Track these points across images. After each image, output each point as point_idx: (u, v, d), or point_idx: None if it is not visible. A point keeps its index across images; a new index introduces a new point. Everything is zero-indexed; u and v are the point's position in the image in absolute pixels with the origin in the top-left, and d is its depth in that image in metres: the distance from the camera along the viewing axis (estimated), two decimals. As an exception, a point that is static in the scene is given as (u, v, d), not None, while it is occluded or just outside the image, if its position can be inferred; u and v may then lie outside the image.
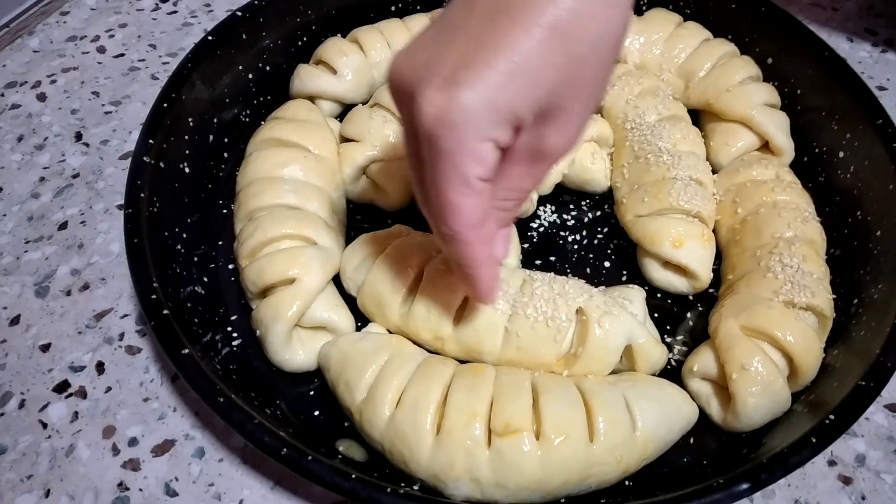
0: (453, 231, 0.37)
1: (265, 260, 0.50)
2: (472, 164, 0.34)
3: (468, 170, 0.34)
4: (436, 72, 0.33)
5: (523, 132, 0.35)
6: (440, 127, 0.33)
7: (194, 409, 0.51)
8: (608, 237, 0.60)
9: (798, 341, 0.46)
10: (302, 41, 0.68)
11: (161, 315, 0.46)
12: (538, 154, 0.36)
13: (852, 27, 0.79)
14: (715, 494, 0.39)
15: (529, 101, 0.33)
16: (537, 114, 0.34)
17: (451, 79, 0.32)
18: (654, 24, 0.66)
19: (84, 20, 0.79)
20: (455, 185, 0.35)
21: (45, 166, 0.66)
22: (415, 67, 0.34)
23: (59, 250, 0.60)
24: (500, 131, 0.34)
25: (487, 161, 0.34)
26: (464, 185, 0.34)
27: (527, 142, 0.36)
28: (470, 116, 0.32)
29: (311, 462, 0.40)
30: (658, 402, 0.45)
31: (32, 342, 0.54)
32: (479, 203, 0.36)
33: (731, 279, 0.53)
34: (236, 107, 0.64)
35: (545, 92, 0.33)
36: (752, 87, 0.61)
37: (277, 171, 0.56)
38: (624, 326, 0.47)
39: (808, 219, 0.54)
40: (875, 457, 0.49)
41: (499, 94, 0.32)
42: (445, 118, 0.32)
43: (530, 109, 0.33)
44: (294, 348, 0.49)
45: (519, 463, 0.41)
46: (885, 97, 0.70)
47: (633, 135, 0.60)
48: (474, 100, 0.32)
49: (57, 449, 0.49)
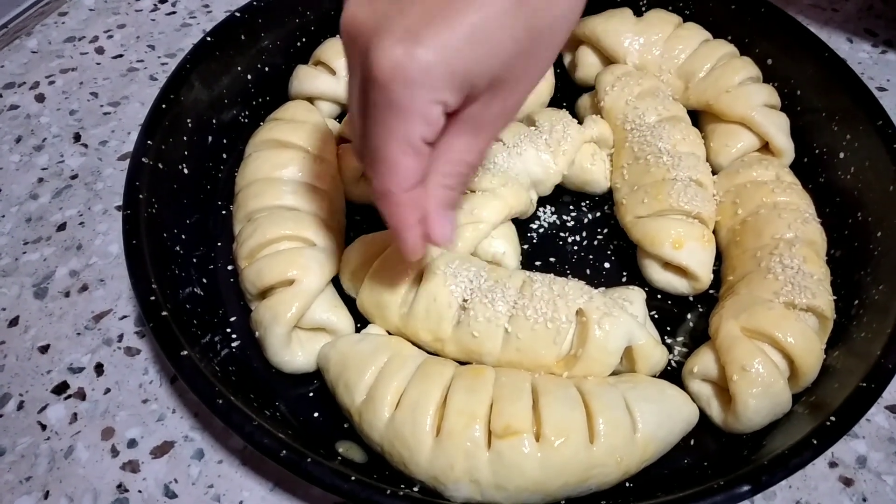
0: (385, 188, 0.36)
1: (264, 261, 0.50)
2: (419, 124, 0.33)
3: (414, 129, 0.33)
4: (396, 23, 0.32)
5: (473, 101, 0.35)
6: (395, 81, 0.32)
7: (193, 410, 0.51)
8: (608, 238, 0.60)
9: (799, 342, 0.46)
10: (301, 42, 0.68)
11: (160, 316, 0.46)
12: (481, 124, 0.36)
13: (852, 28, 0.79)
14: (716, 496, 0.39)
15: (485, 69, 0.33)
16: (490, 82, 0.34)
17: (413, 33, 0.31)
18: (653, 25, 0.66)
19: (82, 21, 0.79)
20: (397, 143, 0.34)
21: (43, 167, 0.66)
22: (374, 15, 0.33)
23: (58, 251, 0.60)
24: (452, 95, 0.33)
25: (434, 123, 0.34)
26: (406, 143, 0.34)
27: (471, 112, 0.35)
28: (426, 75, 0.32)
29: (311, 464, 0.40)
30: (658, 403, 0.45)
31: (31, 343, 0.54)
32: (417, 165, 0.35)
33: (731, 280, 0.53)
34: (235, 108, 0.63)
35: (500, 62, 0.33)
36: (751, 88, 0.61)
37: (276, 172, 0.56)
38: (624, 328, 0.46)
39: (809, 220, 0.54)
40: (876, 458, 0.49)
41: (458, 57, 0.32)
42: (402, 73, 0.32)
43: (484, 77, 0.33)
44: (293, 349, 0.49)
45: (519, 464, 0.41)
46: (885, 98, 0.70)
47: (633, 136, 0.60)
48: (433, 59, 0.31)
49: (56, 450, 0.49)
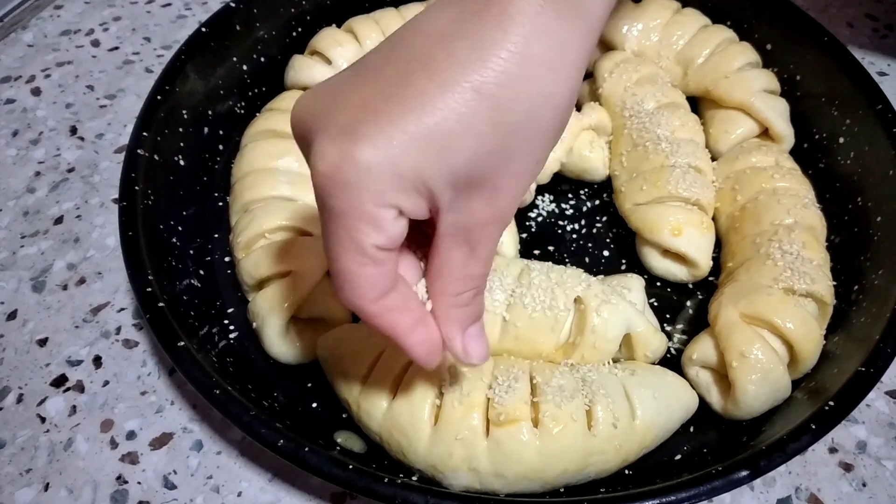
0: (351, 303, 0.31)
1: (261, 252, 0.50)
2: (368, 231, 0.29)
3: (363, 237, 0.29)
4: (333, 120, 0.29)
5: (444, 210, 0.30)
6: (331, 185, 0.28)
7: (192, 402, 0.51)
8: (607, 226, 0.59)
9: (798, 328, 0.46)
10: (296, 32, 0.67)
11: (157, 308, 0.46)
12: (471, 231, 0.31)
13: (852, 13, 0.78)
14: (714, 482, 0.39)
15: (443, 170, 0.29)
16: (457, 185, 0.29)
17: (350, 130, 0.28)
18: (651, 11, 0.65)
19: (78, 14, 0.79)
20: (350, 253, 0.30)
21: (40, 161, 0.65)
22: (313, 112, 0.30)
23: (55, 245, 0.60)
24: (405, 199, 0.29)
25: (387, 229, 0.29)
26: (359, 253, 0.30)
27: (454, 220, 0.31)
28: (365, 177, 0.28)
29: (309, 453, 0.40)
30: (658, 390, 0.45)
31: (29, 337, 0.54)
32: (380, 273, 0.31)
33: (730, 267, 0.53)
34: (231, 98, 0.63)
35: (464, 161, 0.29)
36: (751, 74, 0.60)
37: (272, 162, 0.55)
38: (622, 315, 0.46)
39: (808, 205, 0.54)
40: (876, 443, 0.49)
41: (403, 157, 0.28)
42: (337, 176, 0.28)
43: (444, 180, 0.29)
44: (291, 340, 0.49)
45: (517, 452, 0.41)
46: (885, 83, 0.70)
47: (632, 122, 0.59)
48: (372, 158, 0.27)
49: (55, 443, 0.49)
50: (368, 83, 0.29)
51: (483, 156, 0.29)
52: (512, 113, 0.28)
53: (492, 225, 0.31)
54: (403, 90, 0.28)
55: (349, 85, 0.30)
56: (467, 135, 0.28)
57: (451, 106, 0.28)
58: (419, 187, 0.29)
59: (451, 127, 0.28)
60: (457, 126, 0.28)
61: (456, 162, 0.29)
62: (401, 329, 0.33)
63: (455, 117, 0.28)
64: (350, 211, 0.29)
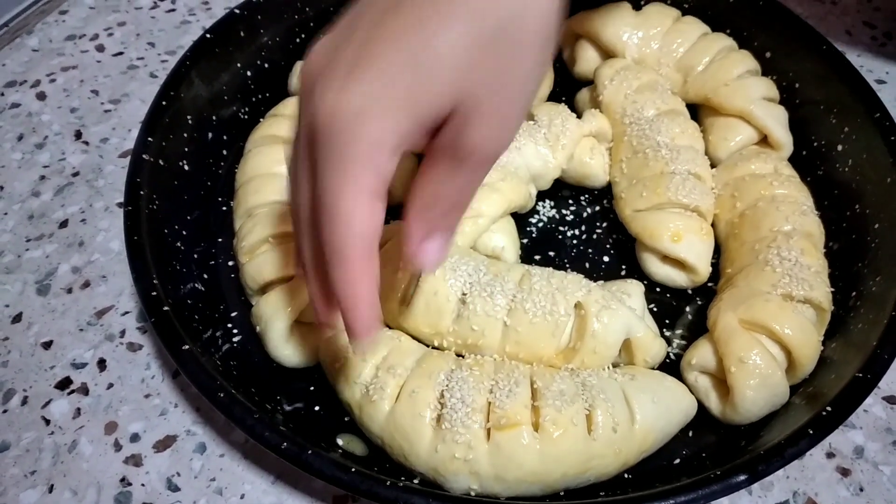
0: (340, 242, 0.32)
1: (264, 257, 0.51)
2: (368, 165, 0.31)
3: (363, 171, 0.31)
4: (334, 64, 0.31)
5: (438, 133, 0.32)
6: (334, 122, 0.30)
7: (195, 405, 0.51)
8: (607, 232, 0.60)
9: (796, 334, 0.46)
10: (300, 38, 0.68)
11: (161, 312, 0.46)
12: (459, 153, 0.32)
13: (850, 21, 0.79)
14: (713, 486, 0.39)
15: (434, 90, 0.30)
16: (452, 110, 0.31)
17: (348, 70, 0.30)
18: (652, 19, 0.66)
19: (83, 19, 0.79)
20: (348, 189, 0.31)
21: (45, 165, 0.66)
22: (317, 64, 0.32)
23: (60, 248, 0.60)
24: (402, 123, 0.30)
25: (385, 164, 0.31)
26: (356, 189, 0.31)
27: (446, 137, 0.32)
28: (365, 110, 0.30)
29: (311, 456, 0.40)
30: (657, 395, 0.45)
31: (34, 340, 0.55)
32: (373, 216, 0.32)
33: (729, 273, 0.54)
34: (235, 104, 0.64)
35: (453, 79, 0.30)
36: (750, 82, 0.61)
37: (276, 167, 0.56)
38: (622, 320, 0.47)
39: (807, 212, 0.54)
40: (873, 449, 0.49)
41: (396, 83, 0.30)
42: (339, 113, 0.30)
43: (436, 101, 0.30)
44: (294, 344, 0.49)
45: (518, 456, 0.41)
46: (883, 91, 0.70)
47: (632, 129, 0.60)
48: (368, 90, 0.30)
49: (60, 445, 0.49)
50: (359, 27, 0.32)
51: (471, 70, 0.30)
52: (495, 20, 0.30)
53: (483, 147, 0.32)
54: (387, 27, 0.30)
55: (344, 34, 0.32)
56: (452, 50, 0.30)
57: (431, 28, 0.29)
58: (415, 112, 0.30)
59: (437, 46, 0.29)
60: (442, 44, 0.29)
61: (446, 79, 0.30)
62: (360, 294, 0.33)
63: (439, 35, 0.29)
64: (352, 145, 0.30)
